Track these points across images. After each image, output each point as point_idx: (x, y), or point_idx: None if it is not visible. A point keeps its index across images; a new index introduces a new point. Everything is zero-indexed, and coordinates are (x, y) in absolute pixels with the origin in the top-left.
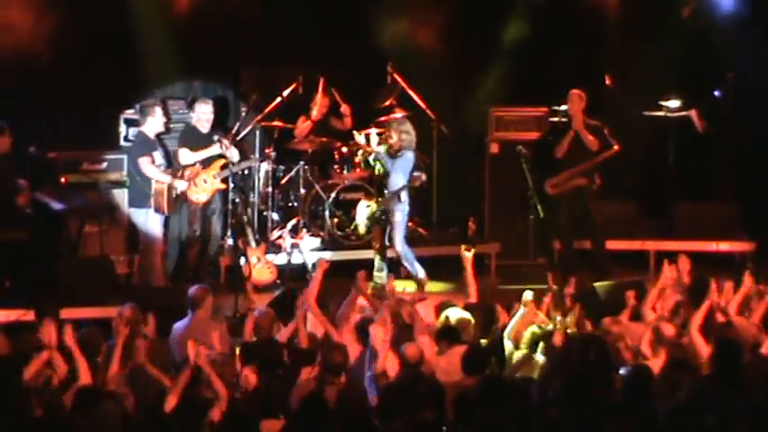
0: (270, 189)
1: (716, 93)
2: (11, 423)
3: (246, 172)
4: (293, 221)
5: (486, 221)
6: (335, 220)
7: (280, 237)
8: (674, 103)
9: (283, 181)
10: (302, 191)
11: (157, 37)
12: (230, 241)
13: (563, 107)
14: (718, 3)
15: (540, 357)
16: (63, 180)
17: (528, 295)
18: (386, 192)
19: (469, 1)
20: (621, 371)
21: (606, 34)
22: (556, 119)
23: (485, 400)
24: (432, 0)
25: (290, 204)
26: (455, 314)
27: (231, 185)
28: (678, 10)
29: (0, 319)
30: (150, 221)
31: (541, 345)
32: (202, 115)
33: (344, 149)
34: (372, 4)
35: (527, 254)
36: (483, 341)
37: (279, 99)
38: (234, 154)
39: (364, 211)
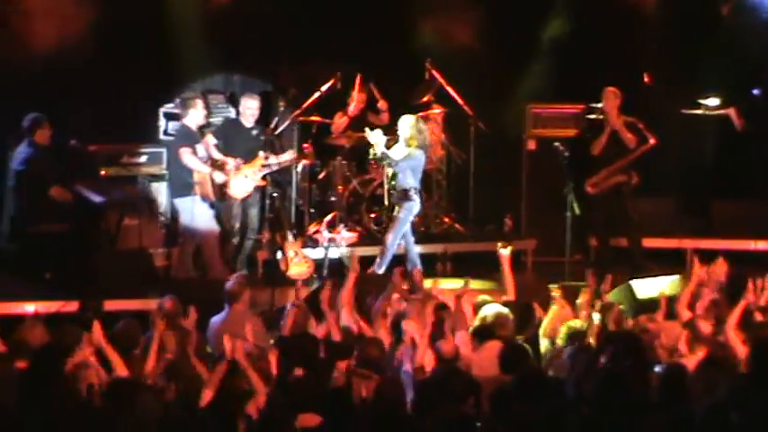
0: (307, 184)
1: (755, 91)
2: (49, 413)
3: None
4: (330, 216)
5: (522, 218)
6: (373, 215)
7: (317, 231)
8: (713, 102)
9: (321, 176)
10: (339, 186)
11: (195, 31)
12: (268, 235)
13: (599, 104)
14: (757, 1)
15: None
16: (102, 173)
17: (555, 290)
18: (394, 192)
19: None
20: (657, 369)
21: (644, 32)
22: (593, 116)
23: (521, 396)
24: None
25: (328, 199)
26: (493, 310)
27: (269, 180)
28: (717, 8)
29: (41, 310)
30: (197, 209)
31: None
32: (248, 110)
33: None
34: (411, 0)
35: (564, 251)
36: (519, 338)
37: (317, 94)
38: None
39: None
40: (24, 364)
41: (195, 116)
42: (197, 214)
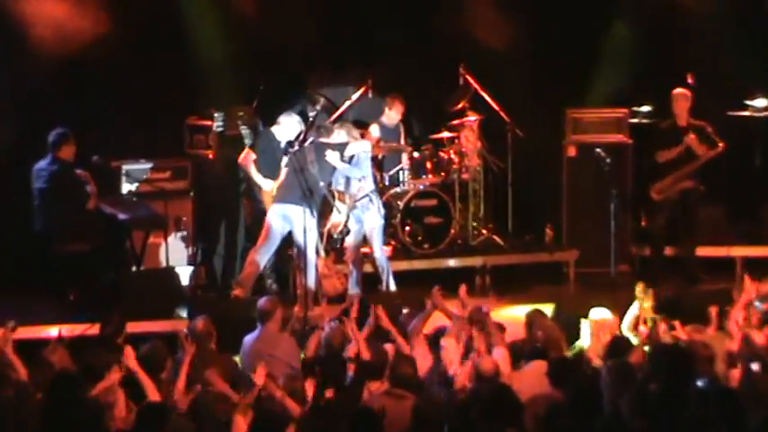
0: None
1: None
2: None
3: None
4: None
5: (563, 228)
6: (407, 228)
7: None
8: (761, 102)
9: None
10: None
11: (220, 42)
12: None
13: (644, 108)
14: None
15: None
16: (126, 189)
17: (597, 314)
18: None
19: None
20: (707, 382)
21: (688, 31)
22: (635, 120)
23: (573, 413)
24: None
25: None
26: (543, 328)
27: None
28: (763, 6)
29: (65, 333)
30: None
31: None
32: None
33: (416, 154)
34: (444, 3)
35: (608, 261)
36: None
37: (347, 103)
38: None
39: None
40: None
41: (284, 131)
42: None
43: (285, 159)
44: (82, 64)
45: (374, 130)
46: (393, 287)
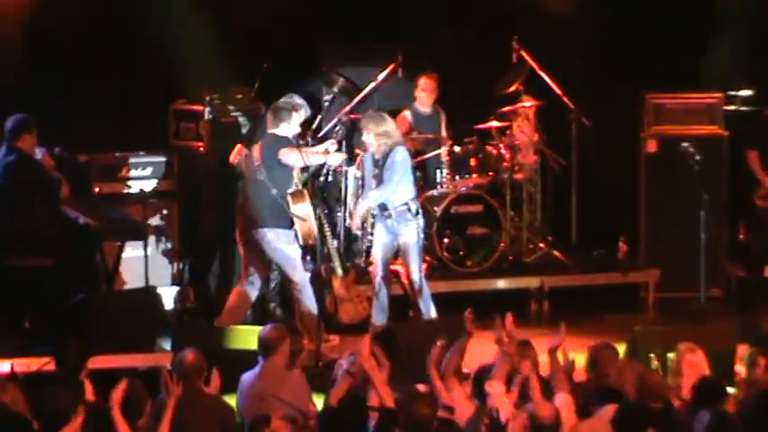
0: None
1: None
2: None
3: (330, 178)
4: None
5: (641, 241)
6: (446, 240)
7: (373, 262)
8: None
9: None
10: None
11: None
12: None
13: (743, 92)
14: None
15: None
16: (97, 189)
17: (684, 349)
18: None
19: None
20: None
21: None
22: (731, 107)
23: None
24: None
25: None
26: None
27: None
28: None
29: (19, 369)
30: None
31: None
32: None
33: (457, 148)
34: None
35: (696, 284)
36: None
37: (372, 85)
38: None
39: None
40: None
41: (286, 129)
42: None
43: None
44: (42, 38)
45: (405, 118)
46: (434, 314)
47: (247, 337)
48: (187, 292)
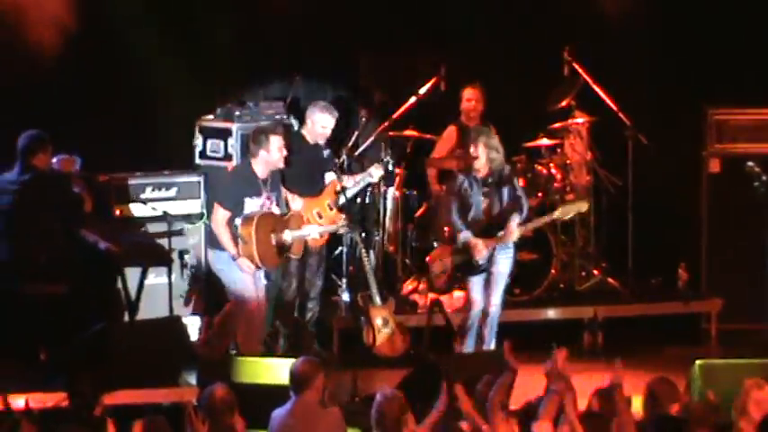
0: (400, 224)
1: None
2: None
3: (367, 200)
4: None
5: (702, 269)
6: None
7: (414, 291)
8: None
9: (419, 212)
10: (446, 226)
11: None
12: (346, 297)
13: None
14: None
15: None
16: (118, 212)
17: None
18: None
19: None
20: None
21: None
22: None
23: None
24: None
25: (429, 244)
26: None
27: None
28: None
29: (33, 405)
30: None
31: None
32: (319, 127)
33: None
34: None
35: (762, 314)
36: None
37: (413, 99)
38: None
39: None
40: None
41: (265, 158)
42: (237, 274)
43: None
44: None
45: (452, 134)
46: (493, 346)
47: (279, 370)
48: (212, 322)
